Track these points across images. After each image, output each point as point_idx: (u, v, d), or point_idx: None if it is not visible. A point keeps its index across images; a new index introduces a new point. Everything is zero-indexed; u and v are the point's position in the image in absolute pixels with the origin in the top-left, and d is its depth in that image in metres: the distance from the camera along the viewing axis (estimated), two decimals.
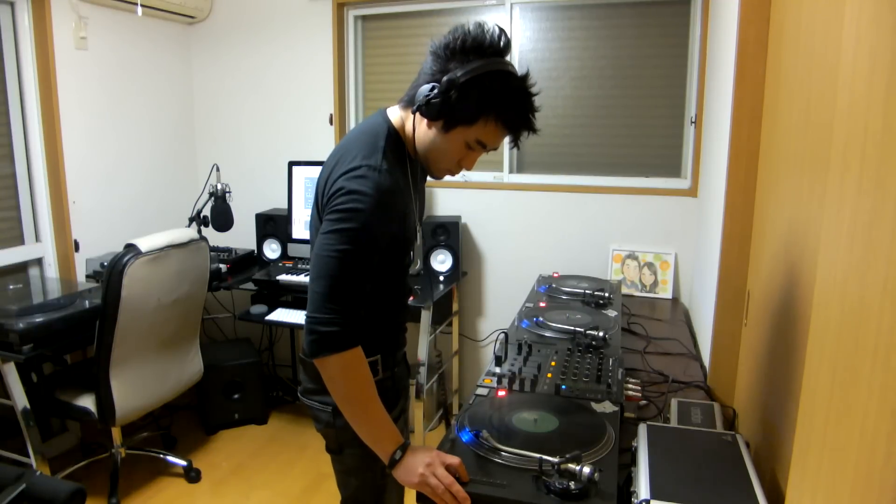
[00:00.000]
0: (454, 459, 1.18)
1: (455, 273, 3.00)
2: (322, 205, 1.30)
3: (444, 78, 1.22)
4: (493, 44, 1.23)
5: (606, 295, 2.35)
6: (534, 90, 1.28)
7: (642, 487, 1.07)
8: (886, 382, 0.64)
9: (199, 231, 2.92)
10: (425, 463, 1.18)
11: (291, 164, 3.18)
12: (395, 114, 1.37)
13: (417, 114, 1.28)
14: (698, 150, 2.81)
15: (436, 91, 1.22)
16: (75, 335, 2.44)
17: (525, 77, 1.27)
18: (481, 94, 1.22)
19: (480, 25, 1.24)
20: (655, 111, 2.94)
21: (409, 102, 1.33)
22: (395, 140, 1.33)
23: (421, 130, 1.31)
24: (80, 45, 2.93)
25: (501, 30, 1.25)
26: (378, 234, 1.25)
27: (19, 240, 2.88)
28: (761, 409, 1.36)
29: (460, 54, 1.22)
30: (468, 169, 1.37)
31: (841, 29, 0.91)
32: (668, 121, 2.93)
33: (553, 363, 1.72)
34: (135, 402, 2.47)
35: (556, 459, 1.12)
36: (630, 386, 1.71)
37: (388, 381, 1.46)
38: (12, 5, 2.74)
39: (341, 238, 1.21)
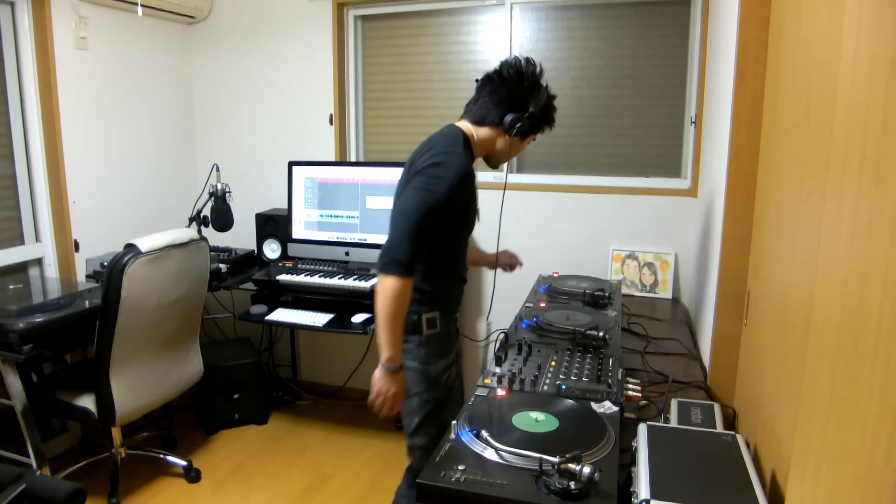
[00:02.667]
0: (401, 404, 1.75)
1: None
2: (411, 175, 1.72)
3: (530, 110, 1.78)
4: (541, 76, 1.81)
5: (606, 295, 2.35)
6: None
7: (642, 487, 1.07)
8: (886, 383, 0.64)
9: (199, 231, 2.92)
10: (396, 384, 1.70)
11: (291, 164, 3.18)
12: (465, 126, 1.84)
13: (505, 132, 1.80)
14: (698, 150, 2.81)
15: (525, 119, 1.78)
16: (75, 335, 2.44)
17: (549, 89, 1.85)
18: (547, 116, 1.87)
19: (521, 63, 1.78)
20: (655, 111, 2.94)
21: (479, 121, 1.82)
22: (467, 143, 1.80)
23: (503, 141, 1.83)
24: (80, 45, 2.93)
25: (532, 62, 1.80)
26: (452, 198, 1.67)
27: (19, 240, 2.88)
28: (761, 409, 1.36)
29: (528, 89, 1.78)
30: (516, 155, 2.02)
31: (841, 29, 0.91)
32: (668, 121, 2.93)
33: (553, 363, 1.72)
34: (135, 402, 2.47)
35: (556, 459, 1.12)
36: (630, 386, 1.71)
37: (444, 336, 1.87)
38: (12, 5, 2.74)
39: (425, 196, 1.65)
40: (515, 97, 1.77)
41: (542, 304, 2.31)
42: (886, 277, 0.66)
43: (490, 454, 1.23)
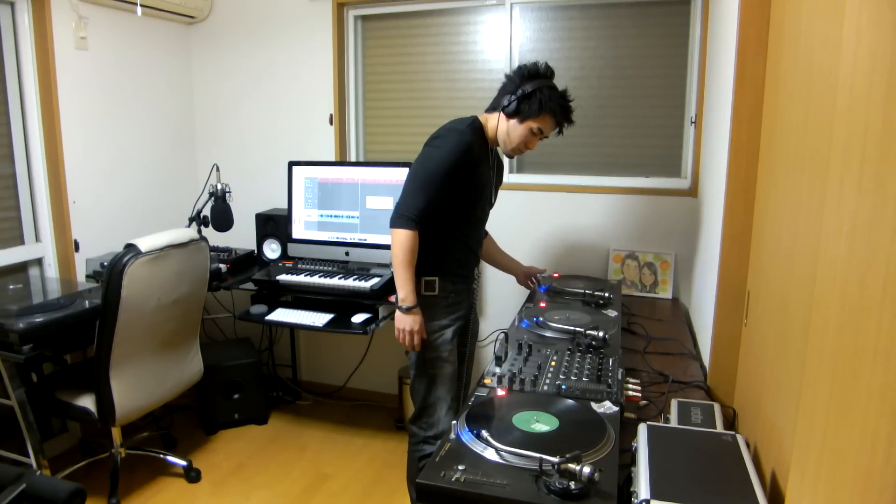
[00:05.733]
0: (420, 338, 2.05)
1: None
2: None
3: (519, 91, 2.02)
4: (544, 71, 2.06)
5: (606, 295, 2.35)
6: (570, 97, 2.09)
7: (642, 487, 1.07)
8: (886, 382, 0.64)
9: (199, 231, 2.92)
10: (412, 321, 2.01)
11: (291, 164, 3.18)
12: (481, 115, 2.13)
13: (503, 113, 2.05)
14: (698, 150, 2.81)
15: (514, 98, 2.02)
16: (75, 335, 2.44)
17: (564, 91, 2.09)
18: (540, 99, 2.01)
19: (535, 63, 2.06)
20: (655, 111, 2.94)
21: (491, 109, 2.11)
22: (478, 128, 2.09)
23: (502, 123, 2.07)
24: (80, 45, 2.93)
25: (546, 63, 2.07)
26: (452, 162, 1.97)
27: (19, 240, 2.88)
28: (761, 409, 1.36)
29: (527, 77, 2.04)
30: (531, 149, 2.12)
31: (841, 29, 0.91)
32: (668, 121, 2.93)
33: (553, 363, 1.72)
34: (135, 402, 2.47)
35: (556, 459, 1.12)
36: (630, 386, 1.71)
37: (441, 300, 2.12)
38: (12, 5, 2.74)
39: (426, 160, 2.00)
40: (515, 86, 2.05)
41: (542, 304, 2.31)
42: (886, 277, 0.66)
43: (490, 454, 1.23)
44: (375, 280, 2.80)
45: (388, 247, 2.99)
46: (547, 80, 2.05)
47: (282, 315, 2.89)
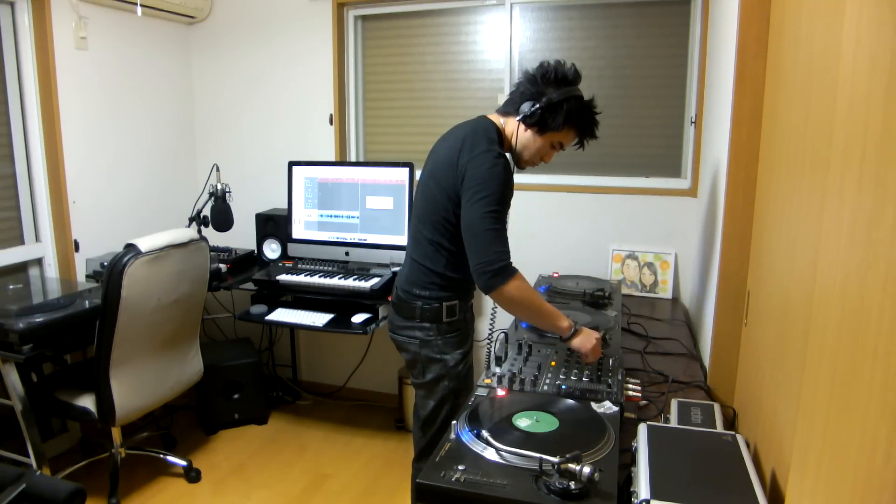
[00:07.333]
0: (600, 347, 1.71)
1: None
2: (459, 177, 1.76)
3: (544, 98, 1.74)
4: (573, 76, 1.78)
5: (606, 295, 2.35)
6: (597, 108, 1.83)
7: (642, 487, 1.07)
8: (886, 382, 0.64)
9: (199, 231, 2.92)
10: (588, 336, 1.71)
11: (291, 164, 3.18)
12: (495, 118, 1.87)
13: (521, 122, 1.78)
14: (698, 150, 2.81)
15: (537, 107, 1.74)
16: (75, 335, 2.44)
17: (591, 100, 1.82)
18: (567, 111, 1.75)
19: (561, 62, 1.79)
20: (655, 111, 2.94)
21: (506, 111, 1.84)
22: (501, 137, 1.84)
23: (520, 132, 1.81)
24: (80, 45, 2.93)
25: (573, 65, 1.80)
26: (507, 195, 1.75)
27: (19, 240, 2.88)
28: (761, 409, 1.36)
29: (553, 82, 1.75)
30: (546, 162, 1.90)
31: (841, 29, 0.91)
32: (668, 121, 2.93)
33: (553, 363, 1.72)
34: (135, 402, 2.47)
35: (556, 459, 1.12)
36: (630, 386, 1.71)
37: (461, 323, 1.94)
38: (12, 5, 2.74)
39: (490, 201, 1.68)
40: (538, 91, 1.76)
41: None
42: (886, 277, 0.66)
43: (490, 454, 1.23)
44: (375, 280, 2.80)
45: (387, 246, 3.01)
46: (574, 87, 1.78)
47: (282, 315, 2.89)
